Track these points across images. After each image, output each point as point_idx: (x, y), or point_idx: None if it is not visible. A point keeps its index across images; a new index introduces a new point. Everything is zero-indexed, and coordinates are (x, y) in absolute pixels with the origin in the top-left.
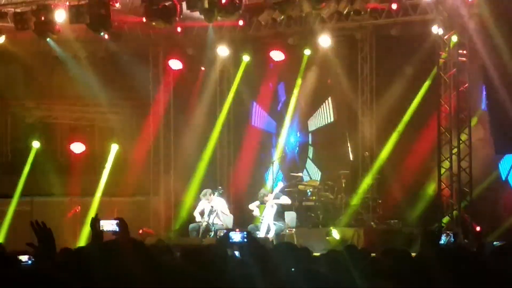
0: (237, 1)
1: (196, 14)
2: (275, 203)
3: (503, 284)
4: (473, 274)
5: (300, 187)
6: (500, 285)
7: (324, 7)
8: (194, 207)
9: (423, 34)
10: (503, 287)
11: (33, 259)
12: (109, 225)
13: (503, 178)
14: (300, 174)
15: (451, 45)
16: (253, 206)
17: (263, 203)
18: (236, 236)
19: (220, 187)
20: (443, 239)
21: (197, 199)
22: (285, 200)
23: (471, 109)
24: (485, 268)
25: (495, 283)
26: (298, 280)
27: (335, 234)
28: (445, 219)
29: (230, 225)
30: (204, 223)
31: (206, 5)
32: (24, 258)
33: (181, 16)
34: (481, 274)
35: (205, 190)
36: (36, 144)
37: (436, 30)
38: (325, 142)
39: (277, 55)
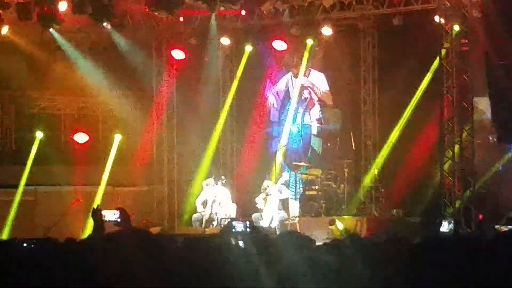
0: None
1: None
2: (278, 198)
3: (501, 271)
4: (471, 261)
5: (303, 176)
6: (499, 272)
7: None
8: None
9: (425, 24)
10: (501, 275)
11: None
12: (111, 215)
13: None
14: (303, 163)
15: (453, 34)
16: (259, 199)
17: (267, 194)
18: (239, 226)
19: (223, 177)
20: (444, 227)
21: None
22: (286, 194)
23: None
24: (484, 256)
25: (494, 270)
26: (301, 268)
27: (338, 223)
28: (449, 209)
29: (233, 215)
30: (207, 213)
31: None
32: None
33: (184, 6)
34: (480, 261)
35: (208, 180)
36: (39, 134)
37: (438, 19)
38: (328, 131)
39: (279, 45)
